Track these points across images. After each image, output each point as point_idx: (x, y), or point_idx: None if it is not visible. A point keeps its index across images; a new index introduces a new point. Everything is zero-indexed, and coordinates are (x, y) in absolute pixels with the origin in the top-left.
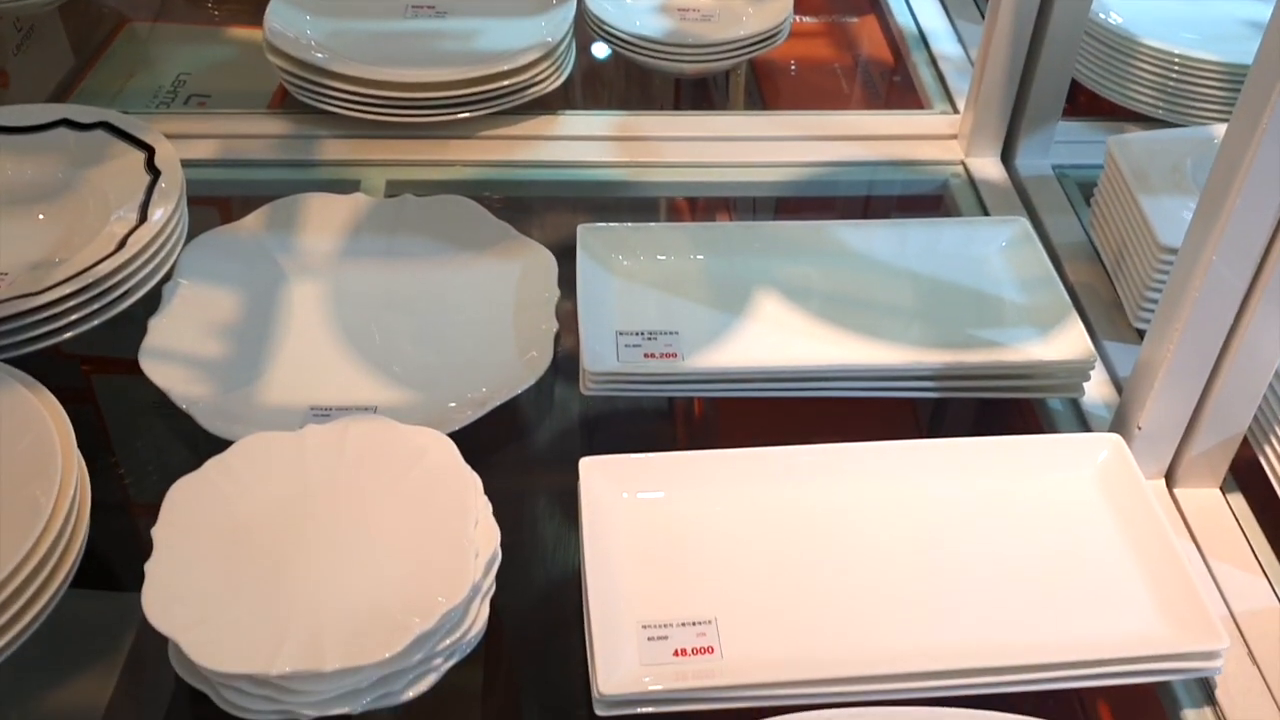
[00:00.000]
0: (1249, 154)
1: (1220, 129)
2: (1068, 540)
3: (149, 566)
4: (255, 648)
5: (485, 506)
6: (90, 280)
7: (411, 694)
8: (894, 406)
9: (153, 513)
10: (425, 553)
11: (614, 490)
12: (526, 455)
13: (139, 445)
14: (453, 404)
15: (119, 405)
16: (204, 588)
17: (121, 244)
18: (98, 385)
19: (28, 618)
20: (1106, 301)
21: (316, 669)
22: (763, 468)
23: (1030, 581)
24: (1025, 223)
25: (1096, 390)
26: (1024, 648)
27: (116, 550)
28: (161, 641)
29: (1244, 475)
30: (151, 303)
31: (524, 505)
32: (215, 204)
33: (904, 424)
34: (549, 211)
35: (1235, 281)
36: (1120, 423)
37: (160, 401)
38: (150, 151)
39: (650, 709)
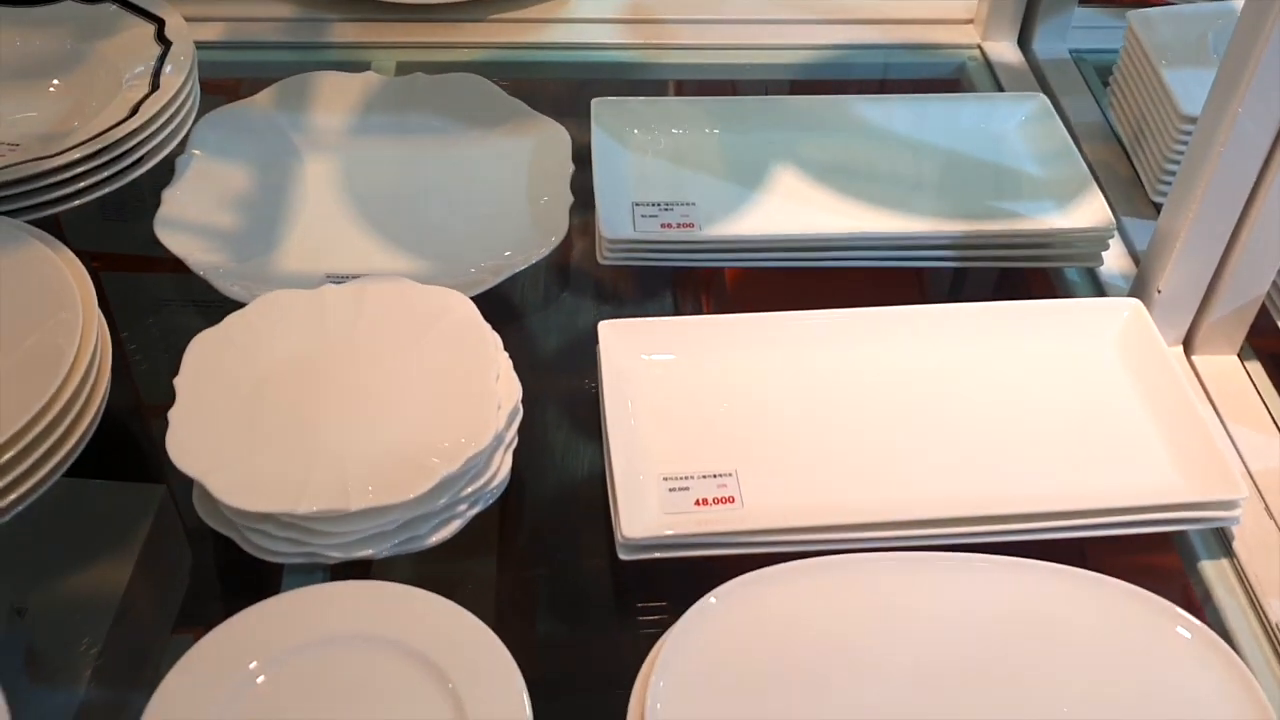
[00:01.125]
0: (1275, 11)
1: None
2: (1087, 400)
3: (172, 413)
4: (281, 489)
5: (506, 362)
6: (104, 144)
7: (435, 540)
8: (907, 284)
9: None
10: (448, 404)
11: (632, 352)
12: (544, 324)
13: (150, 335)
14: (471, 270)
15: (128, 302)
16: (227, 434)
17: (134, 110)
18: (106, 281)
19: (55, 460)
20: (1123, 179)
21: (343, 508)
22: (779, 331)
23: (1049, 438)
24: (1044, 98)
25: (1114, 262)
26: (1042, 497)
27: (130, 436)
28: (176, 529)
29: (1260, 343)
30: (162, 179)
31: (542, 369)
32: (225, 87)
33: (918, 301)
34: (560, 93)
35: (1258, 141)
36: (1139, 288)
37: (169, 298)
38: (160, 23)
39: (672, 553)
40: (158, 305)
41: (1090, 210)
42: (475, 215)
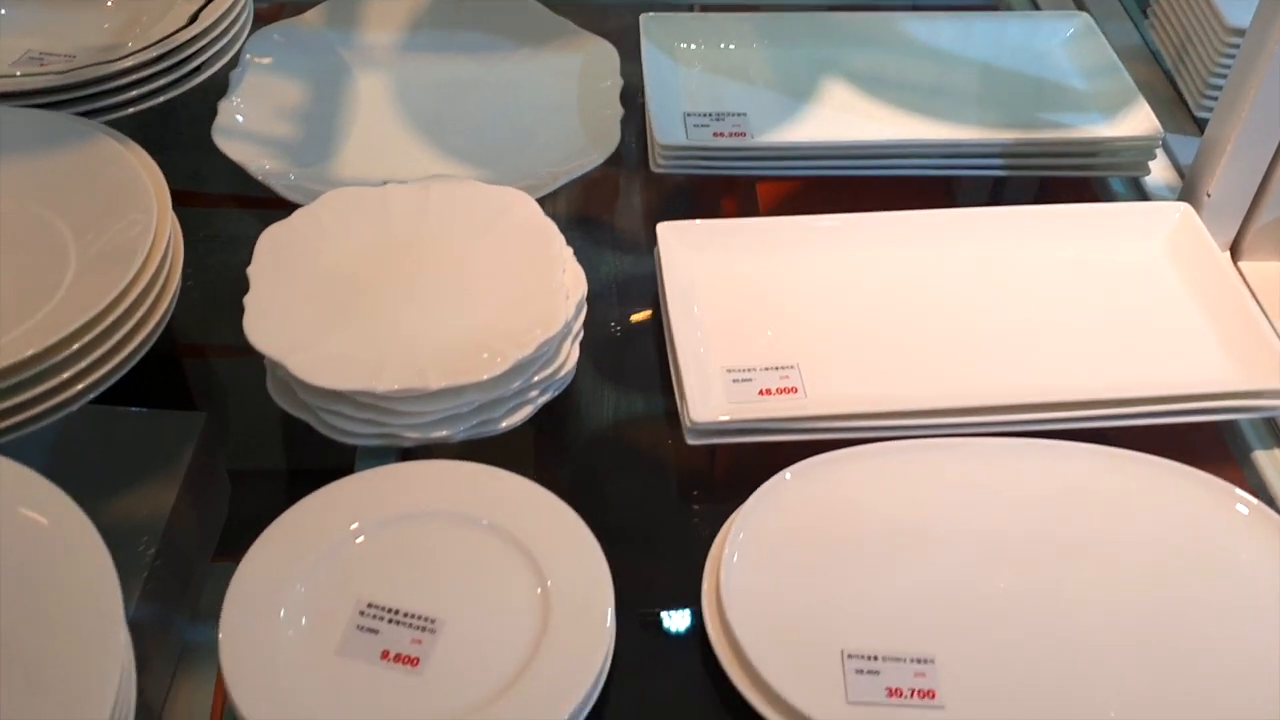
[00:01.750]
0: None
1: None
2: (1139, 298)
3: (248, 299)
4: (360, 369)
5: (570, 256)
6: (164, 50)
7: (507, 424)
8: (954, 199)
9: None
10: (517, 294)
11: (691, 252)
12: (597, 233)
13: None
14: (523, 180)
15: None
16: (302, 319)
17: (193, 18)
18: None
19: (126, 350)
20: (1165, 99)
21: (422, 387)
22: (836, 232)
23: (1103, 333)
24: (1086, 16)
25: (1159, 174)
26: (1097, 386)
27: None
28: (216, 454)
29: None
30: (215, 93)
31: (598, 273)
32: (270, 15)
33: None
34: (604, 14)
35: None
36: (1188, 193)
37: (225, 206)
38: None
39: (738, 438)
40: (210, 218)
41: (1137, 119)
42: (525, 129)
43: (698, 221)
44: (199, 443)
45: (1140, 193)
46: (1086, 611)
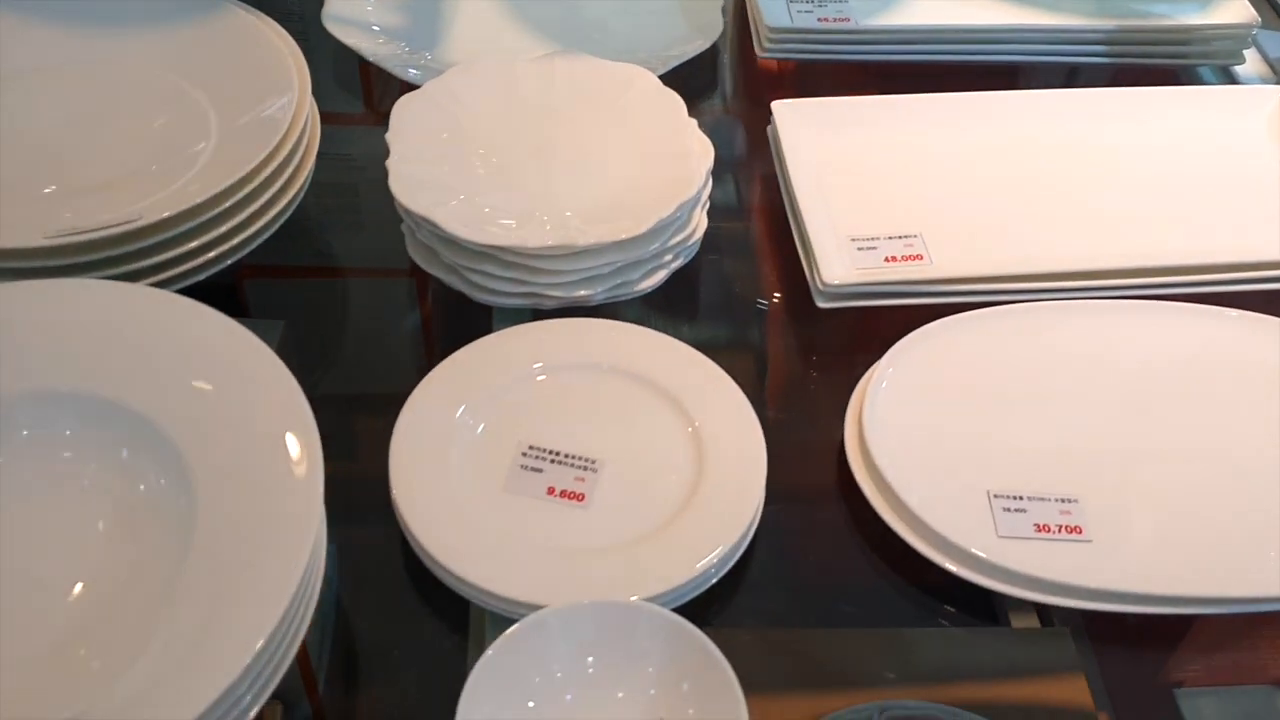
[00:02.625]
0: None
1: None
2: (1246, 173)
3: (391, 162)
4: (506, 226)
5: (695, 125)
6: None
7: (644, 286)
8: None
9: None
10: (651, 159)
11: (808, 129)
12: (709, 114)
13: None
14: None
15: None
16: (445, 179)
17: None
18: None
19: (269, 215)
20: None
21: (570, 244)
22: (945, 110)
23: (1211, 205)
24: None
25: (1253, 67)
26: (1205, 251)
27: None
28: None
29: None
30: None
31: (718, 149)
32: None
33: None
34: None
35: None
36: None
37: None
38: None
39: (868, 301)
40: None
41: (1232, 8)
42: (633, 13)
43: (812, 100)
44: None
45: (1232, 82)
46: (1221, 459)
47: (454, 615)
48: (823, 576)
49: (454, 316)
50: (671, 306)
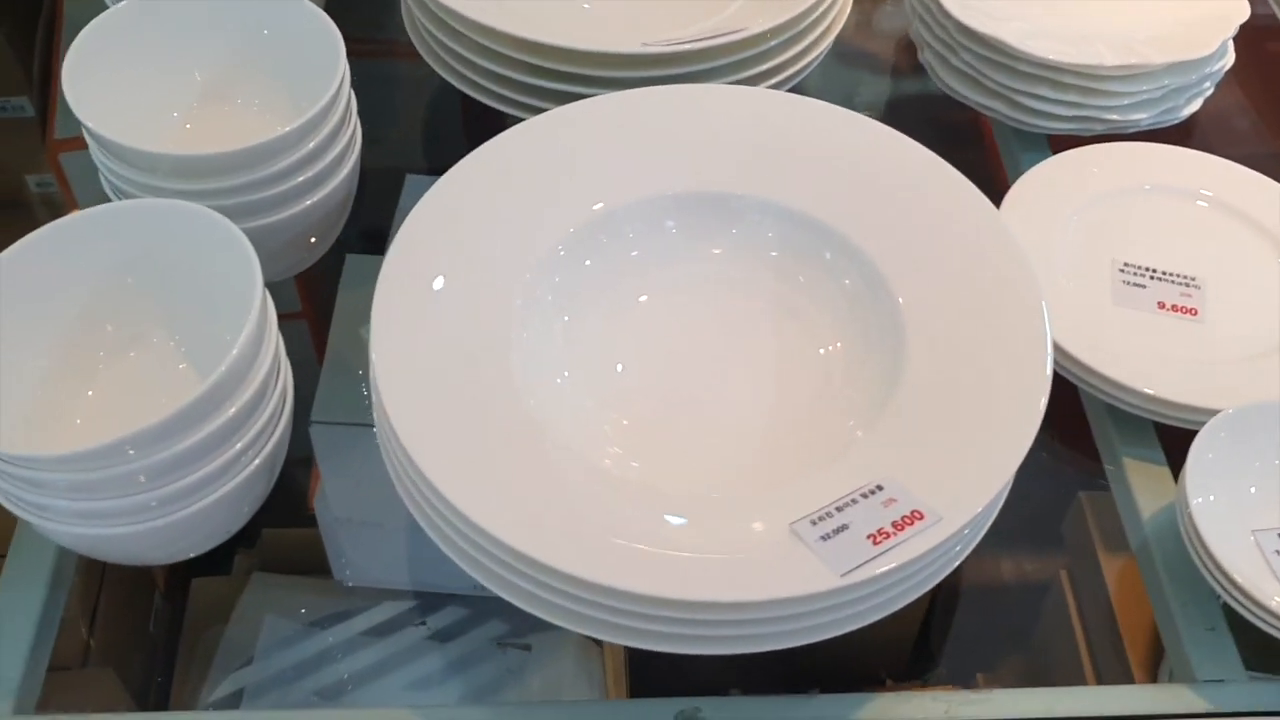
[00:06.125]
0: None
1: None
2: None
3: None
4: (1063, 47)
5: None
6: None
7: (1186, 111)
8: None
9: None
10: None
11: None
12: None
13: None
14: None
15: None
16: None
17: None
18: None
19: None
20: None
21: (1144, 62)
22: None
23: None
24: None
25: None
26: None
27: None
28: None
29: None
30: None
31: None
32: None
33: None
34: None
35: None
36: None
37: None
38: None
39: None
40: None
41: None
42: None
43: None
44: None
45: None
46: None
47: None
48: None
49: None
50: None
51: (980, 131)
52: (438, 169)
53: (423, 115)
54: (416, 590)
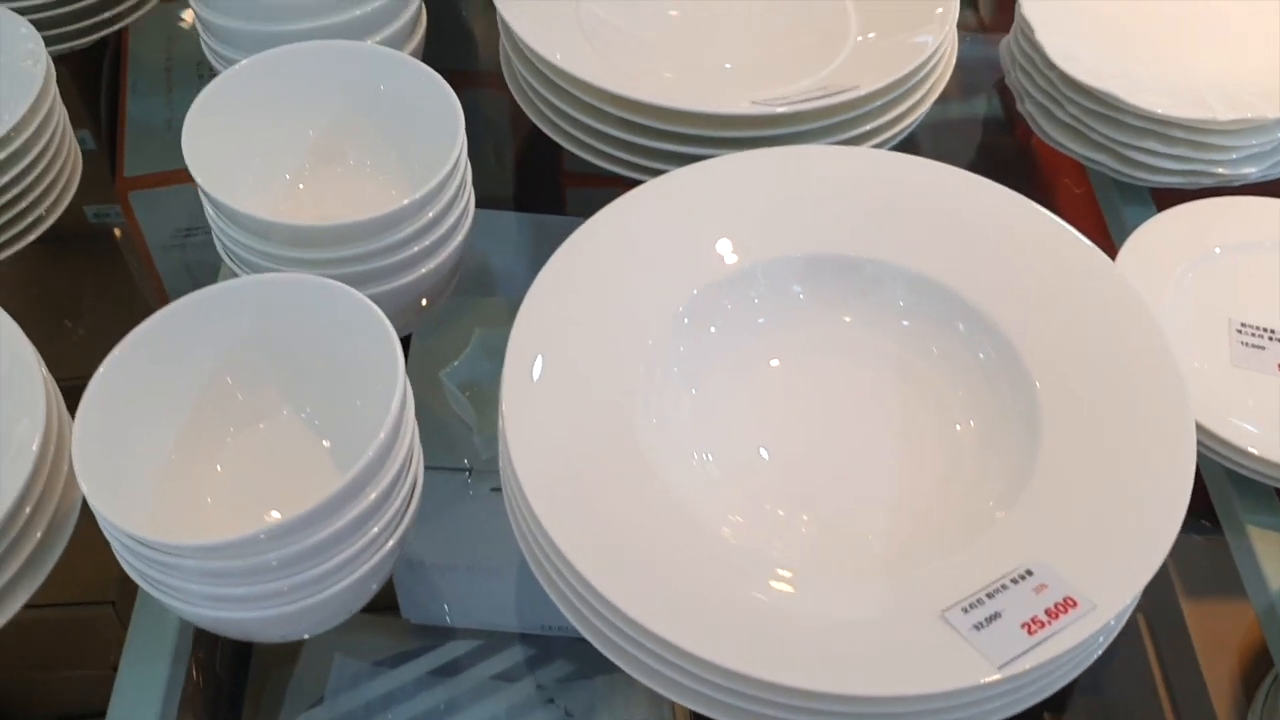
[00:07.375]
0: None
1: None
2: None
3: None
4: (1187, 98)
5: None
6: None
7: None
8: None
9: None
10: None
11: None
12: None
13: None
14: None
15: None
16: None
17: None
18: None
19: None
20: None
21: (1260, 116)
22: None
23: None
24: None
25: None
26: None
27: None
28: None
29: None
30: None
31: None
32: None
33: None
34: None
35: None
36: None
37: None
38: None
39: None
40: None
41: None
42: None
43: None
44: None
45: None
46: None
47: None
48: None
49: None
50: None
51: (1057, 173)
52: (511, 201)
53: (492, 144)
54: (484, 630)
